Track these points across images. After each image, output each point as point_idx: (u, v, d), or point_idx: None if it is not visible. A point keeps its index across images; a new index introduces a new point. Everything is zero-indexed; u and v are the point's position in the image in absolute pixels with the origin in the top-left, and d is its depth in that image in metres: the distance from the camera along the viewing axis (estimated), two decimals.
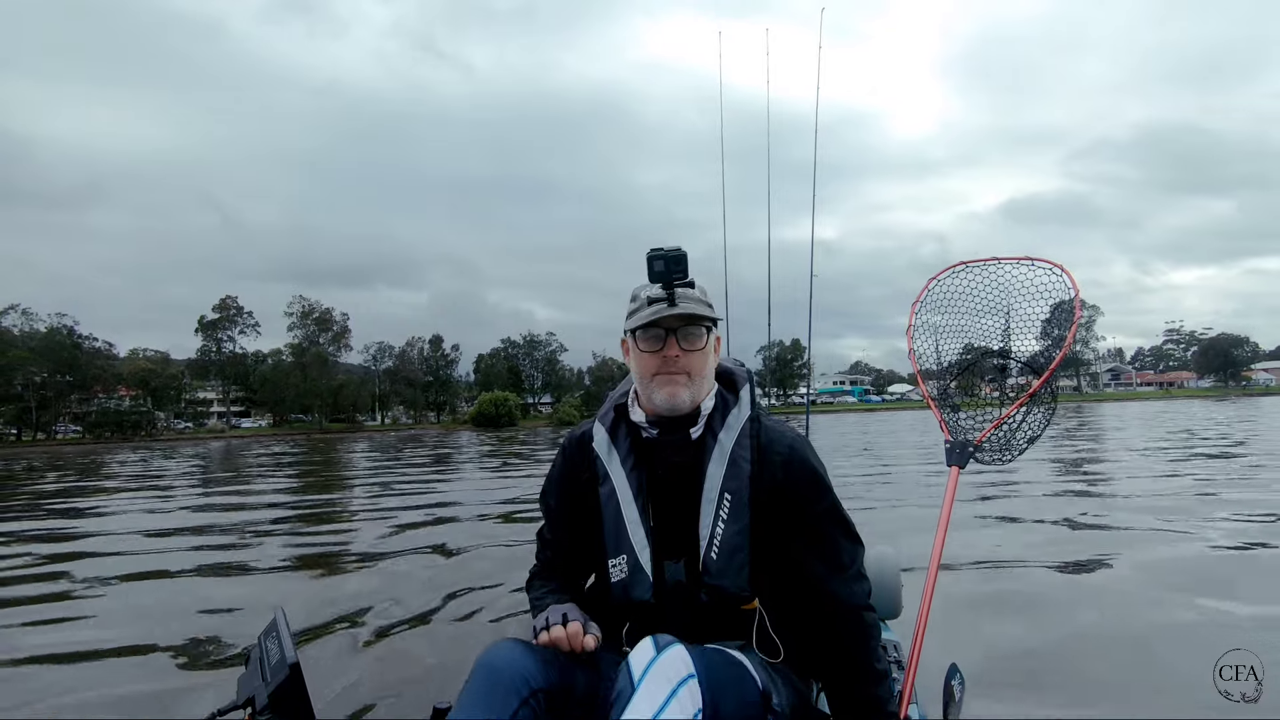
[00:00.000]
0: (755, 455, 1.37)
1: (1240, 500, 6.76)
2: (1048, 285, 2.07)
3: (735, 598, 1.33)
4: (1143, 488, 8.01)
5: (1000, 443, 2.13)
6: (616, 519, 1.39)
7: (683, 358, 1.35)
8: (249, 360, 76.99)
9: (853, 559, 1.40)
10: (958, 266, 2.23)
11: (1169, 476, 9.00)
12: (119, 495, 12.42)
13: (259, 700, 1.17)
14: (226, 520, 8.40)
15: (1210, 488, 7.77)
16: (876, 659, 1.35)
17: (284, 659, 1.17)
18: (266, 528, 7.62)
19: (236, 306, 74.99)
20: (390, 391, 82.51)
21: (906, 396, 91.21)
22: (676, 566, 1.35)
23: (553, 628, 1.28)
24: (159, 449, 40.87)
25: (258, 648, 1.29)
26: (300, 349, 74.47)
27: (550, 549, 1.55)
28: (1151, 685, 2.64)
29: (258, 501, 10.49)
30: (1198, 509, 6.35)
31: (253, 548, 6.40)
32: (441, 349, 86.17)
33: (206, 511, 9.40)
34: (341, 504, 9.99)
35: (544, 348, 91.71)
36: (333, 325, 76.91)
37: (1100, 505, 6.89)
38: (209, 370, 75.27)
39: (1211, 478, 8.65)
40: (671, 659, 1.11)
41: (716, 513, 1.33)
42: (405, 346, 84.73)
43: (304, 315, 75.66)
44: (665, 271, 1.33)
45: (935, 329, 2.27)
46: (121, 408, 68.20)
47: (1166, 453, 12.51)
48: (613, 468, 1.42)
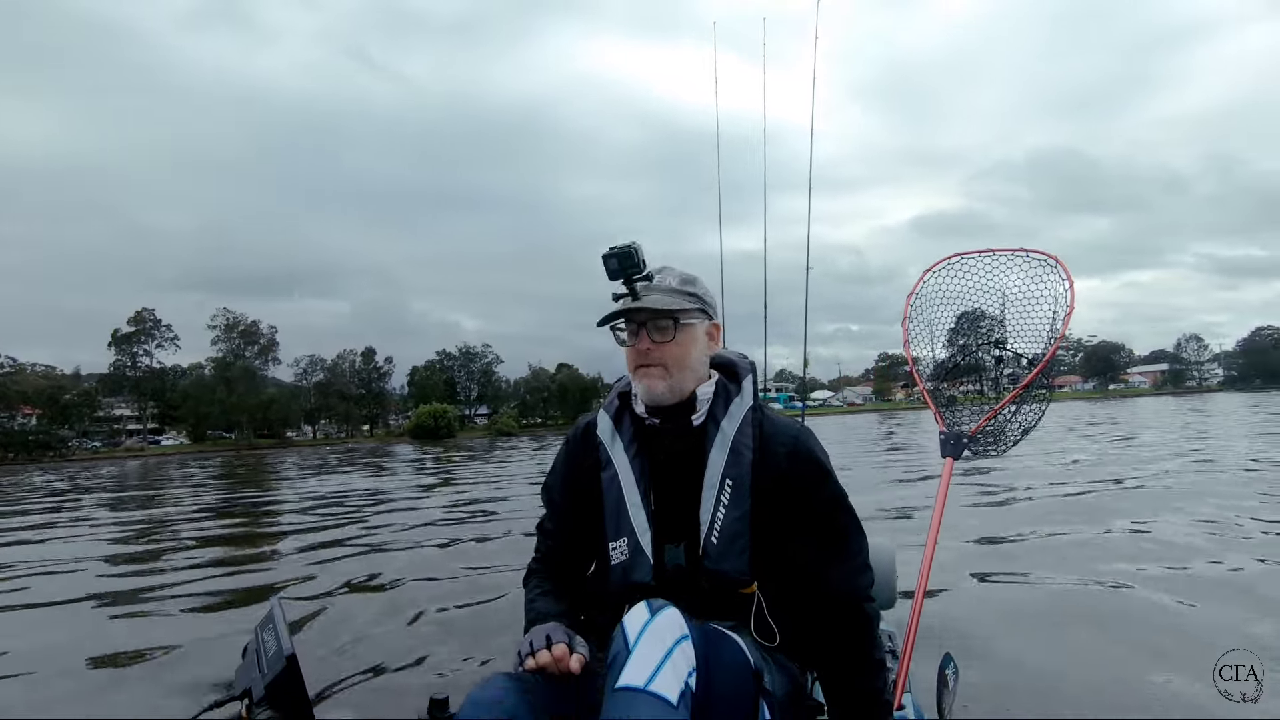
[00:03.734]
0: (758, 444, 1.34)
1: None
2: (1042, 277, 2.03)
3: (734, 581, 1.31)
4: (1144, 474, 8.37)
5: (994, 434, 2.09)
6: (618, 502, 1.37)
7: (654, 350, 1.34)
8: (167, 375, 72.15)
9: (858, 549, 1.37)
10: (952, 258, 2.17)
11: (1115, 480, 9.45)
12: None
13: (255, 692, 1.14)
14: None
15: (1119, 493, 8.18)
16: (876, 650, 1.33)
17: (280, 650, 1.12)
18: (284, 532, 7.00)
19: (154, 319, 70.25)
20: (321, 405, 78.79)
21: (828, 402, 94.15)
22: (676, 550, 1.33)
23: (538, 653, 1.23)
24: (69, 471, 37.72)
25: (254, 639, 1.25)
26: (225, 363, 70.18)
27: (551, 539, 1.51)
28: (1147, 679, 2.58)
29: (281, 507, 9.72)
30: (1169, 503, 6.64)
31: (269, 556, 5.88)
32: (374, 361, 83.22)
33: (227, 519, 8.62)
34: (341, 506, 9.45)
35: (480, 359, 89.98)
36: (259, 338, 72.93)
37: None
38: (123, 386, 70.04)
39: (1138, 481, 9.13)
40: (667, 620, 1.10)
41: (718, 498, 1.31)
42: (337, 359, 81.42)
43: (229, 328, 71.40)
44: (619, 269, 1.33)
45: (930, 321, 2.21)
46: (26, 427, 62.39)
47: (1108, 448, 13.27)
48: (615, 453, 1.40)
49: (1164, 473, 8.54)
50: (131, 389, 70.37)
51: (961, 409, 2.14)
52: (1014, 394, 2.05)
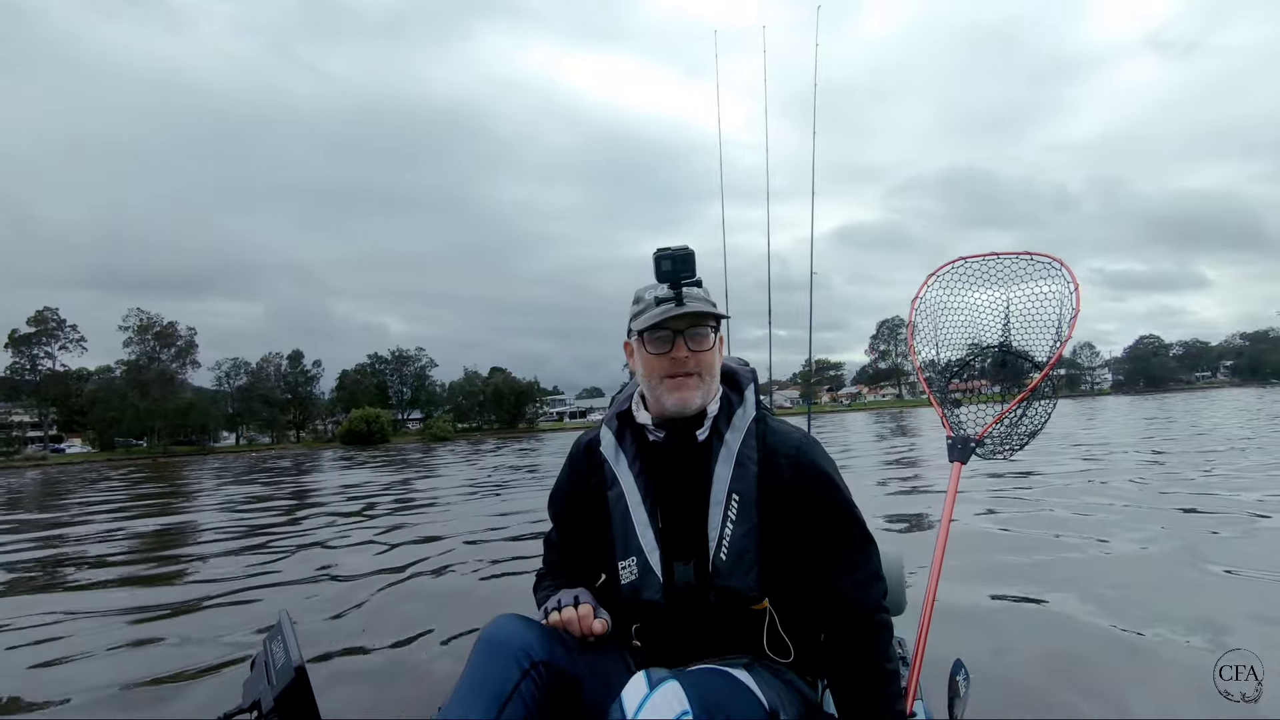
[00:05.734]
0: (762, 456, 1.31)
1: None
2: (1046, 279, 2.01)
3: (745, 598, 1.27)
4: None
5: (1001, 437, 2.05)
6: (625, 522, 1.34)
7: (691, 359, 1.30)
8: (71, 379, 66.74)
9: (867, 559, 1.33)
10: (956, 262, 2.13)
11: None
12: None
13: (265, 703, 1.13)
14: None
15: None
16: (887, 659, 1.29)
17: (289, 662, 1.13)
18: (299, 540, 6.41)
19: (57, 319, 64.97)
20: (245, 411, 74.61)
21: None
22: (686, 568, 1.30)
23: (564, 609, 1.28)
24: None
25: (263, 651, 1.25)
26: (138, 366, 65.45)
27: (557, 553, 1.51)
28: (1158, 681, 2.54)
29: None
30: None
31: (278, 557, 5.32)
32: (301, 365, 79.53)
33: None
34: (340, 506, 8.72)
35: (414, 363, 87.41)
36: (176, 340, 68.42)
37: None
38: (21, 390, 64.36)
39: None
40: (665, 696, 1.04)
41: (725, 514, 1.28)
42: (261, 362, 77.38)
43: (142, 329, 66.64)
44: (673, 271, 1.28)
45: (935, 324, 2.16)
46: None
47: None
48: (620, 471, 1.37)
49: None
50: (31, 393, 64.72)
51: (968, 412, 2.10)
52: (1021, 396, 2.01)
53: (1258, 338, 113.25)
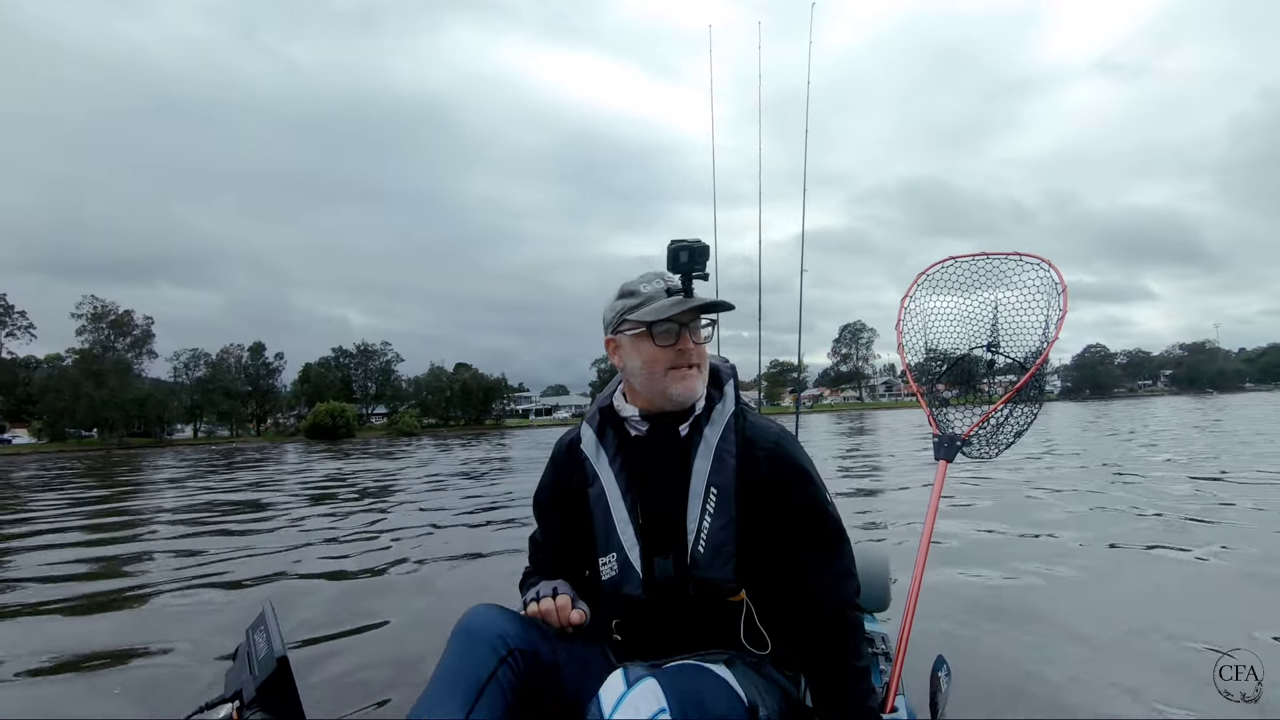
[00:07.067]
0: (740, 449, 1.32)
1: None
2: (1035, 280, 2.01)
3: (722, 590, 1.27)
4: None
5: (987, 437, 2.04)
6: (606, 518, 1.34)
7: (695, 350, 1.32)
8: (19, 367, 63.72)
9: (839, 555, 1.33)
10: (946, 261, 2.12)
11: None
12: None
13: (246, 693, 1.13)
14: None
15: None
16: (857, 656, 1.29)
17: (271, 652, 1.12)
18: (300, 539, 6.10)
19: (4, 304, 61.96)
20: (204, 402, 72.16)
21: None
22: (665, 562, 1.30)
23: (542, 600, 1.29)
24: None
25: (246, 642, 1.24)
26: (92, 355, 62.73)
27: (543, 551, 1.51)
28: (1143, 682, 2.49)
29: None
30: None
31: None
32: (263, 358, 77.33)
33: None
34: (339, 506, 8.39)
35: (379, 357, 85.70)
36: (132, 329, 65.84)
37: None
38: None
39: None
40: (642, 694, 1.03)
41: (703, 507, 1.28)
42: (222, 354, 74.91)
43: (96, 317, 63.93)
44: (689, 263, 1.27)
45: (924, 324, 2.15)
46: None
47: None
48: (600, 468, 1.37)
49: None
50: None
51: (955, 412, 2.09)
52: (1007, 396, 2.01)
53: (1195, 349, 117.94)
